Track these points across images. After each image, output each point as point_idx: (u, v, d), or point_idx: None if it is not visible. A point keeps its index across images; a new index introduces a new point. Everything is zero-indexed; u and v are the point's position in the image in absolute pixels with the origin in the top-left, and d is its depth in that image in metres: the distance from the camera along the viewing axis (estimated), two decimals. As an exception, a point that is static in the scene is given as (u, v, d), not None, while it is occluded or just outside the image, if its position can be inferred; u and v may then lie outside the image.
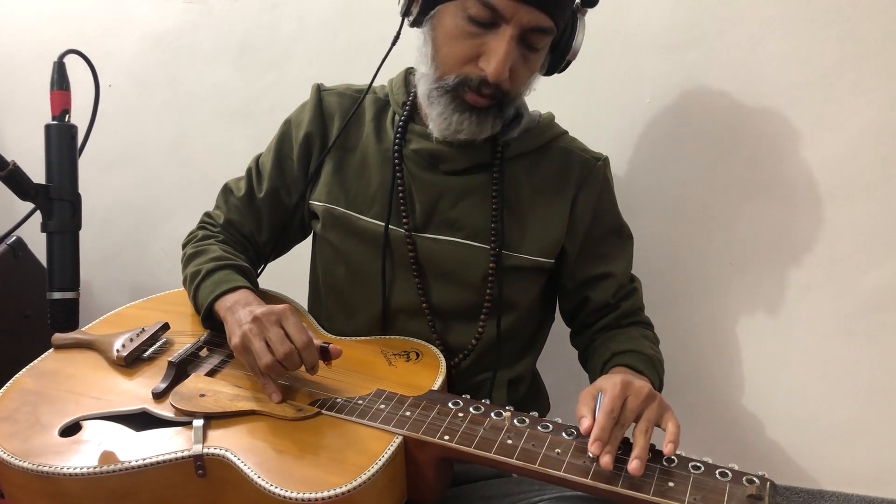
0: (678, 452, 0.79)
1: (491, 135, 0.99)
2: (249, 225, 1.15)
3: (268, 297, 1.09)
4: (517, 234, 1.03)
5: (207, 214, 1.19)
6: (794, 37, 1.23)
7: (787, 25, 1.22)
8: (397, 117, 1.05)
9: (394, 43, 1.01)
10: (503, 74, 0.90)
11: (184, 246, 1.15)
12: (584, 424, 0.80)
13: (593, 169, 1.06)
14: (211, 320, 1.02)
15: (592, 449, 0.77)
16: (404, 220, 1.03)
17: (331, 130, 1.09)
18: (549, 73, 1.00)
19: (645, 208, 1.36)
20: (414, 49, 0.99)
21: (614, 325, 1.10)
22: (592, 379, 1.06)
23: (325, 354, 0.91)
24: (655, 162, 1.36)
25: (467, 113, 0.94)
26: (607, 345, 1.05)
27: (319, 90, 1.11)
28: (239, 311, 0.93)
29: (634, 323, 1.11)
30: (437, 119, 0.96)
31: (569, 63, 1.00)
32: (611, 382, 0.82)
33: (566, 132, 1.10)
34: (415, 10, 0.94)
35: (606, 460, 0.76)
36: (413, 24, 0.96)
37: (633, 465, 0.75)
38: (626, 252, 1.12)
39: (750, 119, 1.28)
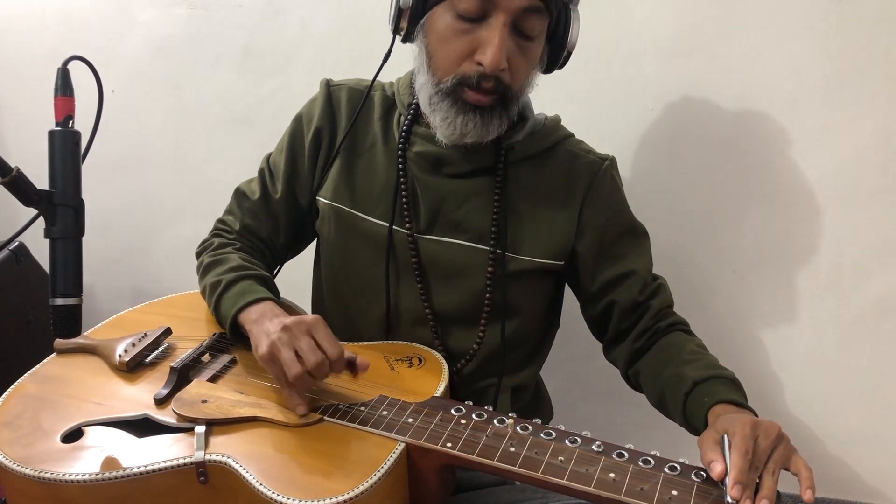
0: (682, 460, 0.79)
1: (497, 136, 0.98)
2: (267, 228, 1.13)
3: (290, 309, 1.08)
4: (521, 237, 1.03)
5: (221, 221, 1.17)
6: (797, 44, 1.23)
7: (790, 32, 1.22)
8: (402, 119, 1.05)
9: (385, 59, 1.01)
10: (500, 63, 0.89)
11: (198, 255, 1.13)
12: (717, 469, 0.76)
13: (600, 170, 1.05)
14: (235, 332, 1.00)
15: (733, 493, 0.73)
16: (407, 223, 1.03)
17: (340, 125, 1.08)
18: (548, 69, 0.99)
19: (648, 215, 1.35)
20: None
21: (652, 331, 1.04)
22: (657, 401, 1.00)
23: (352, 367, 0.90)
24: (658, 168, 1.36)
25: (471, 114, 0.93)
26: (676, 369, 0.97)
27: (328, 85, 1.10)
28: (266, 322, 0.91)
29: (673, 326, 1.05)
30: (441, 125, 0.95)
31: (568, 57, 0.98)
32: (739, 424, 0.79)
33: (572, 135, 1.09)
34: (404, 25, 0.93)
35: None
36: (405, 40, 0.96)
37: None
38: (644, 249, 1.09)
39: (753, 126, 1.28)
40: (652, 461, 0.79)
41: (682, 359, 0.98)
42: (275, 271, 1.16)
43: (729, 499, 0.73)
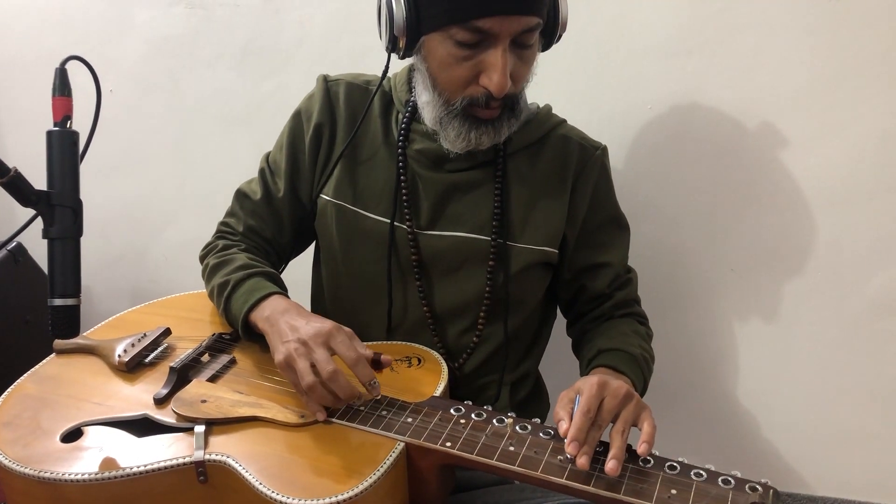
0: (681, 459, 0.79)
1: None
2: (271, 228, 1.13)
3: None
4: (521, 225, 1.04)
5: (223, 223, 1.16)
6: (796, 44, 1.23)
7: (789, 32, 1.23)
8: (400, 116, 1.05)
9: (383, 76, 1.02)
10: (506, 87, 0.90)
11: (202, 258, 1.13)
12: (563, 427, 0.80)
13: (591, 157, 1.07)
14: (248, 331, 1.00)
15: (569, 450, 0.78)
16: (408, 219, 1.03)
17: (339, 120, 1.08)
18: (544, 49, 0.99)
19: (647, 214, 1.36)
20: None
21: (607, 316, 1.10)
22: (582, 374, 1.05)
23: (377, 366, 0.90)
24: (657, 168, 1.36)
25: (483, 126, 0.95)
26: (595, 341, 1.05)
27: (326, 80, 1.09)
28: (279, 322, 0.92)
29: (627, 315, 1.11)
30: (455, 139, 0.96)
31: (561, 35, 0.98)
32: (588, 384, 0.82)
33: (564, 120, 1.10)
34: (402, 45, 0.93)
35: (583, 461, 0.76)
36: (402, 57, 0.96)
37: (610, 465, 0.76)
38: (623, 242, 1.12)
39: (752, 125, 1.28)
40: (651, 460, 0.79)
41: (606, 335, 1.06)
42: (281, 270, 1.16)
43: (567, 455, 0.78)
